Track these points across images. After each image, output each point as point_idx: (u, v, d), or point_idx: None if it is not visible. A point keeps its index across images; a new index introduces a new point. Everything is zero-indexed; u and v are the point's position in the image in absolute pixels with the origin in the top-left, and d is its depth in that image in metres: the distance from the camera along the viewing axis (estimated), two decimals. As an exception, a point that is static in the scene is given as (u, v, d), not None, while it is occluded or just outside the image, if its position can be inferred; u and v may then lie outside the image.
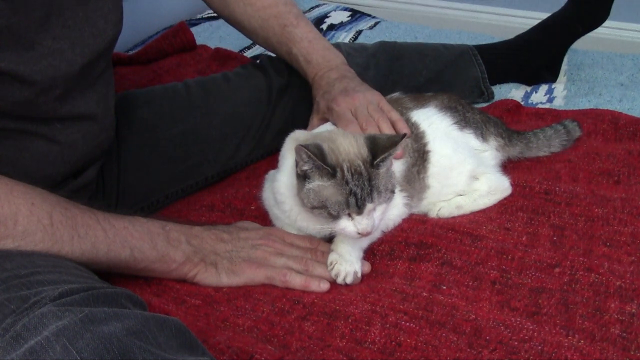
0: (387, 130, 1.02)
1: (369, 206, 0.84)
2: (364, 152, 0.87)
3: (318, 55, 1.20)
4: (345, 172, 0.84)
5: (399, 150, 0.92)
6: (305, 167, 0.85)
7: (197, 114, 1.21)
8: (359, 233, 0.85)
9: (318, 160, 0.83)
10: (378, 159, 0.86)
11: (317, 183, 0.85)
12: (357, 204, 0.84)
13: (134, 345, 0.59)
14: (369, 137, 0.89)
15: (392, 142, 0.87)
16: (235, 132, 1.24)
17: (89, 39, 0.93)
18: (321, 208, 0.85)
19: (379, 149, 0.87)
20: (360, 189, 0.84)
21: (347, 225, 0.86)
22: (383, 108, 1.07)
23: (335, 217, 0.85)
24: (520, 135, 1.16)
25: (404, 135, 0.89)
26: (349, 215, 0.85)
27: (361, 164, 0.85)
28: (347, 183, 0.84)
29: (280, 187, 0.93)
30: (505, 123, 1.18)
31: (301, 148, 0.83)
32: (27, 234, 0.76)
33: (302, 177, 0.86)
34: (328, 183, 0.84)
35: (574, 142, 1.20)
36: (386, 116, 1.05)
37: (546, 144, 1.17)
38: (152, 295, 0.89)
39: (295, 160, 0.86)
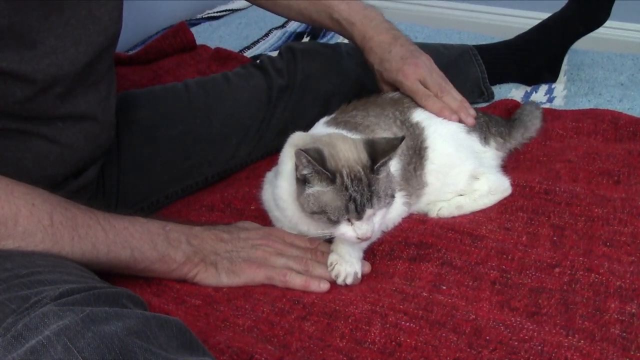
0: (457, 94, 1.11)
1: (368, 212, 0.84)
2: (364, 157, 0.86)
3: (360, 15, 1.19)
4: (345, 177, 0.84)
5: (397, 153, 0.92)
6: (305, 172, 0.84)
7: (197, 114, 1.21)
8: (358, 238, 0.85)
9: (318, 165, 0.83)
10: (378, 164, 0.85)
11: (317, 188, 0.85)
12: (356, 210, 0.83)
13: (135, 345, 0.59)
14: (368, 141, 0.89)
15: (392, 145, 0.87)
16: (236, 132, 1.24)
17: (92, 37, 0.93)
18: (321, 213, 0.85)
19: (378, 153, 0.86)
20: (359, 195, 0.83)
21: (346, 230, 0.85)
22: (435, 70, 1.15)
23: (335, 222, 0.85)
24: (515, 121, 1.20)
25: (403, 137, 0.89)
26: (349, 220, 0.85)
27: (361, 170, 0.85)
28: (346, 189, 0.83)
29: (283, 193, 0.93)
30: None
31: (301, 152, 0.83)
32: (27, 235, 0.76)
33: (302, 181, 0.86)
34: (327, 189, 0.84)
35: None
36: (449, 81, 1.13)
37: (534, 116, 1.23)
38: (152, 295, 0.89)
39: (295, 164, 0.86)
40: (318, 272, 0.92)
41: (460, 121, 1.08)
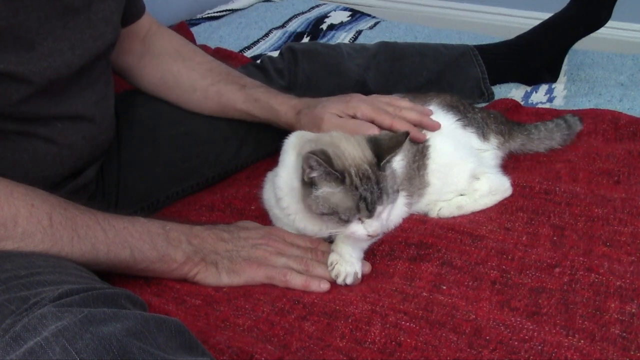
0: (410, 107, 1.07)
1: (378, 209, 0.85)
2: (369, 155, 0.86)
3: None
4: (354, 177, 0.84)
5: (403, 150, 0.91)
6: (314, 174, 0.84)
7: (198, 115, 1.21)
8: (368, 235, 0.86)
9: (328, 167, 0.82)
10: (384, 161, 0.86)
11: (326, 190, 0.84)
12: (367, 208, 0.84)
13: (133, 346, 0.59)
14: (371, 139, 0.89)
15: (396, 142, 0.87)
16: (237, 134, 1.23)
17: (88, 42, 0.93)
18: (331, 214, 0.85)
19: (383, 150, 0.87)
20: (370, 193, 0.83)
21: (357, 229, 0.86)
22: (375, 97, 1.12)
23: (346, 222, 0.85)
24: (521, 127, 1.16)
25: (407, 133, 0.89)
26: (359, 219, 0.85)
27: (368, 168, 0.85)
28: (356, 188, 0.83)
29: (280, 182, 0.93)
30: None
31: (310, 156, 0.82)
32: (26, 236, 0.76)
33: (309, 183, 0.86)
34: (337, 189, 0.84)
35: (575, 137, 1.20)
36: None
37: (548, 136, 1.16)
38: (152, 295, 0.89)
39: (302, 168, 0.85)
40: (318, 271, 0.92)
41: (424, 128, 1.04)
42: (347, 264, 0.91)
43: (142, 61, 1.18)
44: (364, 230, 0.85)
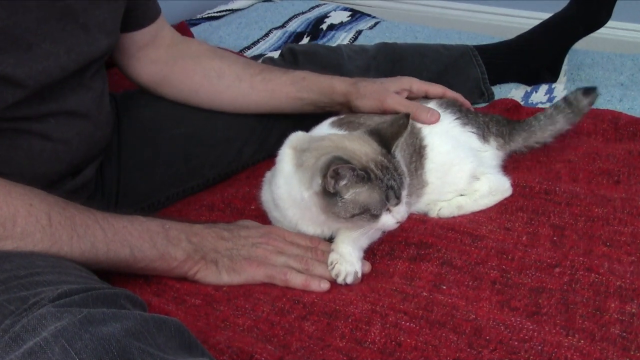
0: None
1: (403, 194, 0.88)
2: (376, 146, 0.88)
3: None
4: (376, 170, 0.85)
5: (407, 132, 0.93)
6: (344, 182, 0.84)
7: (200, 116, 1.21)
8: (397, 222, 0.89)
9: (357, 169, 0.83)
10: (393, 147, 0.88)
11: (353, 191, 0.85)
12: (396, 196, 0.86)
13: (132, 347, 0.59)
14: (372, 131, 0.91)
15: (399, 126, 0.90)
16: (238, 135, 1.23)
17: (82, 46, 0.93)
18: (363, 213, 0.86)
19: (387, 137, 0.89)
20: (393, 181, 0.86)
21: (387, 219, 0.88)
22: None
23: (376, 217, 0.87)
24: (522, 123, 1.15)
25: (408, 114, 0.91)
26: (388, 209, 0.87)
27: (383, 159, 0.87)
28: (381, 181, 0.85)
29: (281, 193, 0.93)
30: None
31: (342, 167, 0.82)
32: (25, 235, 0.76)
33: (332, 193, 0.86)
34: (364, 188, 0.85)
35: (582, 114, 1.16)
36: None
37: (549, 122, 1.14)
38: (152, 295, 0.89)
39: (326, 182, 0.85)
40: (318, 271, 0.92)
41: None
42: (347, 263, 0.91)
43: (176, 66, 1.19)
44: (393, 219, 0.88)
